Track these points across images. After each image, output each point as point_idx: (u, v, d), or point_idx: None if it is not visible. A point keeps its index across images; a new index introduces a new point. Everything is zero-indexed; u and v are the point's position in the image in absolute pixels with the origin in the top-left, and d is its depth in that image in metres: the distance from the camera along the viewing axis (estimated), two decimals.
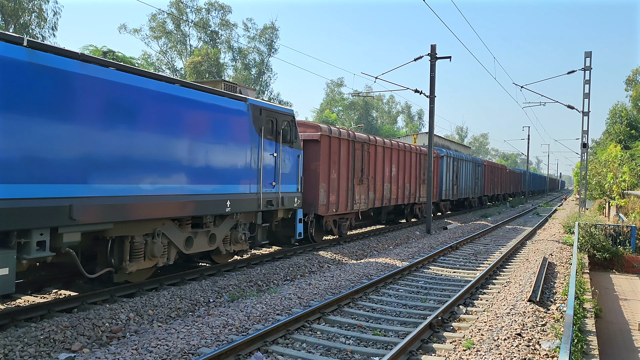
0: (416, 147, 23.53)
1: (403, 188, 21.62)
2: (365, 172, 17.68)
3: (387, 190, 19.85)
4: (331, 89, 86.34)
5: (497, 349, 6.76)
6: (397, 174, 20.80)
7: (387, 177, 19.80)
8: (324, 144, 14.97)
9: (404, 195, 21.69)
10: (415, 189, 23.16)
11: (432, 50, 21.24)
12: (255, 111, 11.33)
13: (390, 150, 20.17)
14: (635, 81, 51.57)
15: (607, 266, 15.94)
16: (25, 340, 6.56)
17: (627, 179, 24.08)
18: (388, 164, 19.93)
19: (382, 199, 19.47)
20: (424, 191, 23.88)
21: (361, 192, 17.33)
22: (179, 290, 9.35)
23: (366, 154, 17.78)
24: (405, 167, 21.77)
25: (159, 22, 59.10)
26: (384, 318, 8.53)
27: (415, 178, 23.22)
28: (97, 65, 7.75)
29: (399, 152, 21.13)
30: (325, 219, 15.54)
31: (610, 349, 8.50)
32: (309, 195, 14.56)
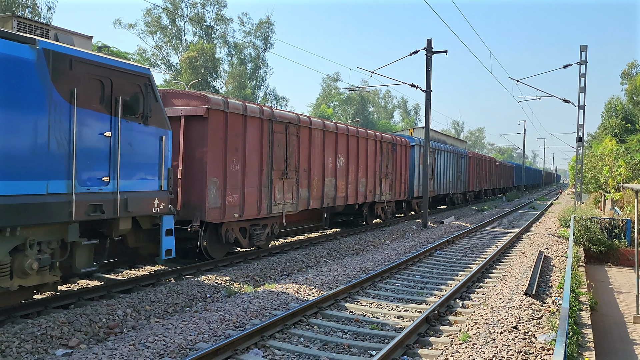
0: (375, 133, 19.21)
1: (356, 184, 17.47)
2: (292, 163, 13.48)
3: (329, 187, 15.63)
4: (327, 83, 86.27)
5: (493, 342, 6.79)
6: (346, 166, 16.64)
7: (329, 170, 15.58)
8: (216, 122, 10.87)
9: (357, 193, 17.57)
10: (374, 185, 19.01)
11: (428, 44, 21.22)
12: (60, 62, 7.21)
13: (334, 135, 15.85)
14: (630, 75, 51.64)
15: (602, 259, 16.04)
16: (22, 337, 6.55)
17: (622, 172, 24.17)
18: (332, 153, 15.73)
19: (321, 199, 15.19)
20: (387, 187, 20.12)
21: (286, 190, 13.25)
22: (175, 286, 9.35)
23: (294, 139, 13.56)
24: (359, 157, 17.61)
25: (153, 17, 58.84)
26: (380, 312, 8.55)
27: (375, 171, 19.00)
28: None
29: (348, 139, 16.82)
30: (226, 227, 11.54)
31: (605, 341, 8.56)
32: (190, 195, 10.63)
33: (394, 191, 20.95)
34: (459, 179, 32.00)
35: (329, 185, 15.59)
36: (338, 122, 16.71)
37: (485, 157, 41.71)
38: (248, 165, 11.91)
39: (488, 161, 42.73)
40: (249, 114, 11.89)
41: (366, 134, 18.31)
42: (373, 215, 19.99)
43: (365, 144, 18.20)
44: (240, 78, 61.25)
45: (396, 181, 21.15)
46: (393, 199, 20.89)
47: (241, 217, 11.72)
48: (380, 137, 19.51)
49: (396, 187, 21.17)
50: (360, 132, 17.89)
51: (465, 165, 33.71)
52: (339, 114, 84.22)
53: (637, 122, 44.70)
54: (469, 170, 34.71)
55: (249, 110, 11.88)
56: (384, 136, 19.95)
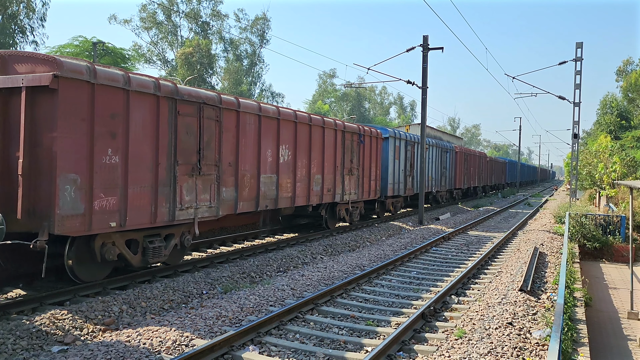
0: (335, 121, 16.22)
1: (308, 182, 14.42)
2: (209, 155, 10.50)
3: (269, 185, 12.61)
4: (323, 80, 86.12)
5: (488, 337, 6.82)
6: (293, 160, 13.62)
7: (269, 165, 12.62)
8: (74, 97, 7.89)
9: (309, 193, 14.49)
10: (333, 183, 15.96)
11: (425, 41, 21.21)
12: None
13: (276, 121, 12.81)
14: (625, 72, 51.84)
15: (597, 255, 16.12)
16: (18, 333, 6.53)
17: (617, 169, 24.28)
18: (272, 143, 12.73)
19: (256, 200, 12.16)
20: (352, 185, 17.21)
21: (200, 190, 10.30)
22: (171, 282, 9.35)
23: (213, 125, 10.57)
24: (311, 150, 14.56)
25: (149, 12, 58.56)
26: (376, 308, 8.57)
27: (335, 167, 15.99)
28: None
29: (296, 127, 13.67)
30: (102, 240, 8.77)
31: (600, 337, 8.61)
32: (36, 199, 7.74)
33: (361, 190, 18.03)
34: (444, 176, 29.47)
35: (267, 184, 12.52)
36: (282, 107, 13.78)
37: (473, 152, 38.86)
38: (134, 158, 8.85)
39: (477, 156, 39.85)
40: (135, 88, 8.79)
41: (322, 121, 15.20)
42: (335, 218, 17.17)
43: (320, 134, 15.10)
44: (236, 74, 61.08)
45: (364, 178, 18.25)
46: (360, 198, 18.04)
47: (123, 226, 8.67)
48: (342, 126, 16.47)
49: (364, 185, 18.29)
50: (313, 118, 14.70)
51: (451, 161, 31.14)
52: (335, 110, 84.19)
53: (632, 119, 44.90)
54: (455, 166, 32.02)
55: (134, 83, 8.78)
56: (347, 125, 16.90)
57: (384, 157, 20.51)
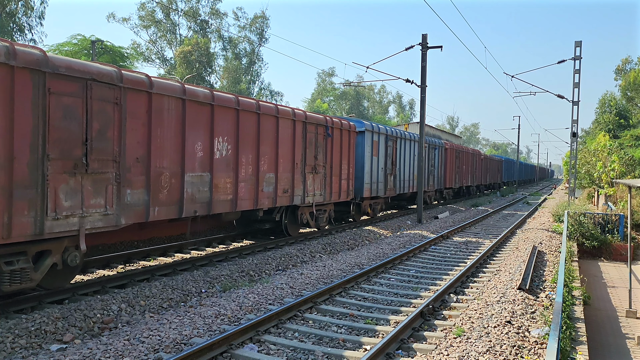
0: (293, 110, 13.88)
1: (256, 182, 12.14)
2: (103, 147, 8.27)
3: (199, 186, 10.36)
4: (322, 78, 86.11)
5: (487, 336, 6.83)
6: (234, 155, 11.35)
7: (199, 162, 10.36)
8: None
9: (257, 195, 12.17)
10: (291, 183, 13.67)
11: (424, 39, 21.21)
12: None
13: (209, 108, 10.59)
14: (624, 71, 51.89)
15: (595, 254, 16.15)
16: (16, 332, 6.53)
17: (616, 167, 24.32)
18: (203, 135, 10.50)
19: (179, 204, 9.87)
20: (317, 185, 14.94)
21: (88, 193, 8.01)
22: (170, 281, 9.35)
23: (109, 109, 8.35)
24: (260, 143, 12.21)
25: (148, 11, 58.48)
26: (375, 307, 8.58)
27: (293, 164, 13.75)
28: None
29: (238, 115, 11.41)
30: None
31: (598, 335, 8.63)
32: None
33: (329, 190, 15.74)
34: (432, 175, 27.36)
35: (196, 184, 10.28)
36: (218, 91, 11.38)
37: (466, 149, 36.48)
38: None
39: (471, 154, 37.41)
40: None
41: (275, 109, 12.82)
42: (297, 223, 14.89)
43: (273, 125, 12.75)
44: (235, 73, 61.03)
45: (333, 177, 15.95)
46: (328, 200, 15.81)
47: None
48: (302, 116, 14.12)
49: (333, 185, 15.98)
50: (263, 106, 12.35)
51: (441, 158, 28.95)
52: (334, 108, 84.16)
53: (630, 117, 44.96)
54: (445, 164, 29.91)
55: None
56: (309, 115, 14.55)
57: (358, 153, 18.38)
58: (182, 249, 12.69)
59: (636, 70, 47.59)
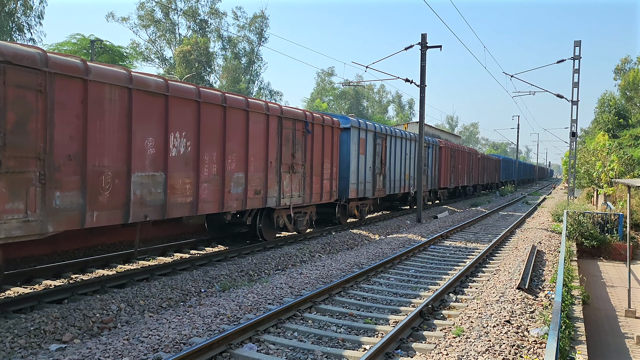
0: (267, 103, 12.66)
1: (222, 182, 10.89)
2: (21, 143, 7.07)
3: (150, 187, 9.12)
4: (322, 78, 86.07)
5: (486, 335, 6.84)
6: (194, 152, 10.14)
7: (151, 160, 9.15)
8: None
9: (223, 197, 10.92)
10: (265, 184, 12.45)
11: (423, 39, 21.22)
12: None
13: (163, 100, 9.36)
14: (623, 70, 51.95)
15: (594, 254, 16.16)
16: (16, 332, 6.53)
17: (615, 167, 24.34)
18: (157, 129, 9.26)
19: (126, 208, 8.65)
20: (295, 186, 13.78)
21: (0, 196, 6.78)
22: (170, 281, 9.35)
23: (30, 98, 7.15)
24: (227, 139, 11.00)
25: (147, 10, 58.44)
26: (375, 307, 8.59)
27: (267, 163, 12.52)
28: None
29: (199, 108, 10.21)
30: None
31: (597, 335, 8.64)
32: None
33: (309, 191, 14.54)
34: (425, 174, 26.12)
35: (147, 185, 9.04)
36: (175, 81, 10.42)
37: (462, 148, 35.07)
38: None
39: (467, 153, 36.12)
40: None
41: (245, 102, 11.60)
42: (273, 227, 13.67)
43: (242, 120, 11.54)
44: (235, 72, 61.00)
45: (313, 177, 14.78)
46: (309, 202, 14.65)
47: None
48: (278, 111, 12.89)
49: (314, 185, 14.81)
50: (230, 98, 11.15)
51: (434, 157, 27.88)
52: (334, 108, 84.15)
53: (629, 117, 45.00)
54: (439, 164, 28.69)
55: None
56: (286, 110, 13.37)
57: (344, 151, 17.17)
58: (181, 249, 12.70)
59: (635, 70, 47.64)
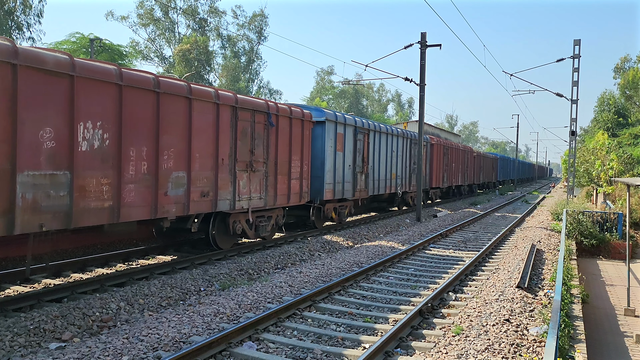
0: (216, 90, 10.82)
1: (155, 182, 9.19)
2: None
3: (47, 189, 7.41)
4: (321, 77, 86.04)
5: (485, 334, 6.84)
6: (115, 146, 8.38)
7: (48, 155, 7.44)
8: None
9: (156, 200, 9.21)
10: (214, 184, 10.73)
11: (422, 38, 21.21)
12: None
13: (68, 80, 7.60)
14: (623, 69, 51.92)
15: (594, 252, 16.18)
16: (15, 330, 6.53)
17: (614, 166, 24.35)
18: (58, 118, 7.55)
19: (10, 215, 6.89)
20: (255, 187, 12.13)
21: None
22: (169, 279, 9.35)
23: None
24: (163, 132, 9.31)
25: (146, 9, 58.38)
26: (374, 305, 8.59)
27: (216, 159, 10.81)
28: None
29: (121, 93, 8.40)
30: None
31: (596, 333, 8.65)
32: None
33: (272, 192, 12.84)
34: (414, 173, 24.75)
35: (43, 186, 7.34)
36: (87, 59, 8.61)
37: (456, 146, 33.28)
38: None
39: (462, 150, 34.32)
40: None
41: (187, 89, 9.81)
42: (228, 233, 11.96)
43: (184, 109, 9.76)
44: (234, 71, 60.96)
45: (278, 176, 13.05)
46: (273, 204, 12.92)
47: None
48: (231, 100, 11.08)
49: (279, 186, 13.12)
50: (164, 83, 9.33)
51: (426, 155, 26.64)
52: (333, 107, 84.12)
53: (629, 116, 45.02)
54: (430, 162, 27.25)
55: None
56: (242, 99, 11.49)
57: (317, 147, 15.54)
58: (180, 249, 12.69)
59: (635, 69, 47.62)
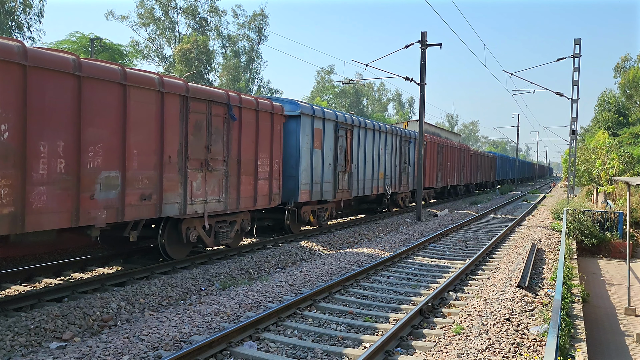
0: (160, 76, 9.35)
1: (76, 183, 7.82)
2: None
3: None
4: (322, 76, 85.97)
5: (486, 334, 6.84)
6: (19, 139, 7.04)
7: None
8: None
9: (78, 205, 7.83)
10: (159, 186, 9.29)
11: (423, 37, 21.20)
12: None
13: None
14: (623, 68, 51.90)
15: (594, 252, 16.18)
16: (16, 330, 6.53)
17: (615, 165, 24.34)
18: None
19: None
20: (213, 189, 10.60)
21: None
22: (170, 279, 9.35)
23: None
24: (86, 123, 7.94)
25: (146, 8, 58.36)
26: (374, 305, 8.59)
27: (160, 157, 9.37)
28: None
29: (26, 75, 7.01)
30: None
31: (597, 332, 8.65)
32: None
33: (234, 195, 11.32)
34: (404, 173, 23.03)
35: None
36: None
37: (451, 144, 31.65)
38: None
39: (457, 149, 32.67)
40: None
41: (120, 73, 8.44)
42: (180, 241, 10.55)
43: (116, 96, 8.39)
44: (234, 70, 60.94)
45: (242, 176, 11.56)
46: (235, 208, 11.38)
47: None
48: (181, 89, 9.62)
49: (243, 187, 11.60)
50: (87, 66, 7.91)
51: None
52: (334, 106, 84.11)
53: (629, 115, 45.00)
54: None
55: None
56: (194, 88, 10.05)
57: (291, 144, 14.07)
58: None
59: (635, 68, 47.60)
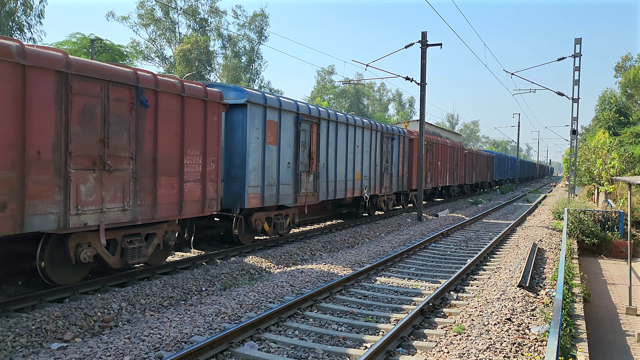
0: (19, 44, 7.19)
1: None
2: None
3: None
4: (322, 76, 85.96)
5: (487, 333, 6.84)
6: None
7: None
8: None
9: None
10: (19, 191, 6.85)
11: (423, 37, 21.20)
12: None
13: None
14: (624, 68, 51.86)
15: (595, 251, 16.17)
16: (17, 331, 6.53)
17: (616, 165, 24.32)
18: None
19: None
20: (113, 194, 8.21)
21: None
22: (171, 279, 9.35)
23: None
24: None
25: (147, 9, 58.38)
26: (375, 305, 8.59)
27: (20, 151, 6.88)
28: None
29: None
30: None
31: (598, 332, 8.65)
32: None
33: (149, 201, 9.04)
34: (387, 173, 20.58)
35: None
36: None
37: (443, 142, 29.16)
38: None
39: (450, 147, 30.22)
40: None
41: None
42: (68, 263, 8.31)
43: None
44: (235, 71, 60.94)
45: (160, 178, 9.27)
46: (150, 217, 9.08)
47: None
48: (58, 62, 7.36)
49: (160, 191, 9.26)
50: None
51: (402, 152, 22.51)
52: (334, 106, 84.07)
53: (630, 115, 44.96)
54: (409, 160, 23.39)
55: None
56: (81, 63, 7.71)
57: (236, 138, 12.03)
58: (181, 248, 12.71)
59: (636, 68, 47.54)
